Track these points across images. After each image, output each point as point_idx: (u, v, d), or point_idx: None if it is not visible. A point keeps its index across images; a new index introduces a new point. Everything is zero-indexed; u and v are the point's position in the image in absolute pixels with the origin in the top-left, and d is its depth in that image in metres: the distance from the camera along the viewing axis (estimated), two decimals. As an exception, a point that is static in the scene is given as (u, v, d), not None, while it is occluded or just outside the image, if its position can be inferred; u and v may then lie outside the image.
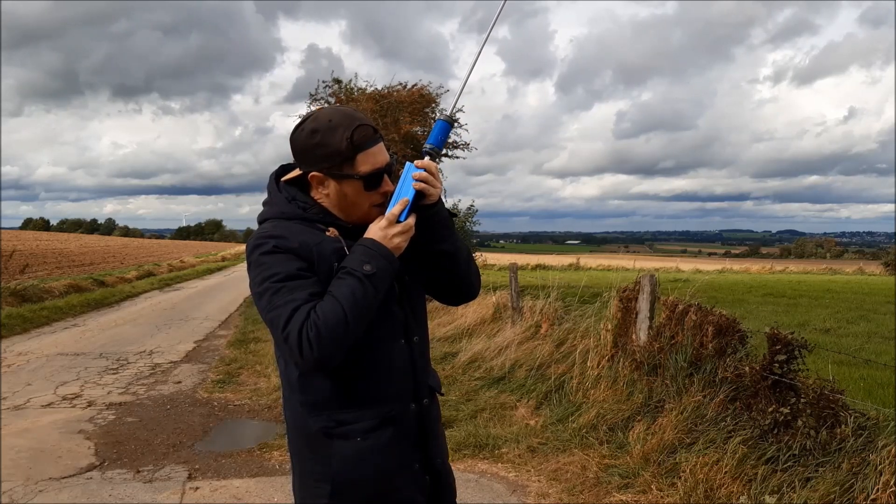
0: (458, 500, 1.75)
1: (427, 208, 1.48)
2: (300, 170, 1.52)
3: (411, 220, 1.46)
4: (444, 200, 1.53)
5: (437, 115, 15.83)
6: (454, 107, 1.59)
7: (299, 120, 1.52)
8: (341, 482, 1.48)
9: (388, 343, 1.51)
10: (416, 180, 1.45)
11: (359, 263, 1.39)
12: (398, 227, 1.44)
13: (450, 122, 1.54)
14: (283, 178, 1.56)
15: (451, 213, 1.56)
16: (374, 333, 1.46)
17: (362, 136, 1.43)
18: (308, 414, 1.51)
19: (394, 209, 1.45)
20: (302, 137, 1.46)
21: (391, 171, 1.51)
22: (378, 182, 1.47)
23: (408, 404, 1.54)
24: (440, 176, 1.48)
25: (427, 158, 1.49)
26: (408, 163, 1.48)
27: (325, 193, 1.50)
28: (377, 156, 1.46)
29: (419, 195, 1.46)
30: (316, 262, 1.43)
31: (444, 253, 1.54)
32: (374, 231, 1.44)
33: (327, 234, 1.47)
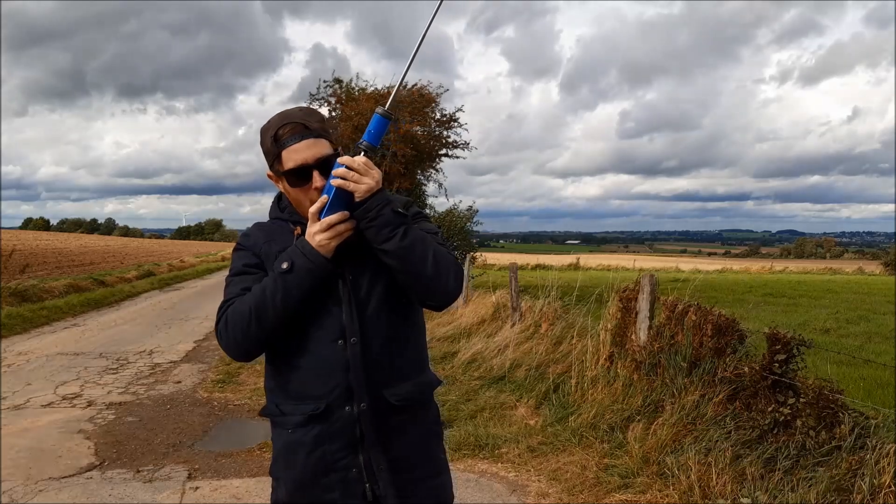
0: (457, 500, 1.73)
1: (356, 206, 1.44)
2: None
3: (333, 218, 1.43)
4: (386, 197, 1.46)
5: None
6: (392, 100, 1.57)
7: None
8: (276, 466, 1.60)
9: (321, 342, 1.50)
10: (335, 177, 1.43)
11: (280, 261, 1.46)
12: (316, 226, 1.44)
13: (387, 117, 1.48)
14: None
15: (399, 213, 1.46)
16: (307, 331, 1.50)
17: (284, 134, 1.47)
18: (266, 400, 1.63)
19: (312, 207, 1.46)
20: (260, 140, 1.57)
21: (328, 167, 1.48)
22: (302, 179, 1.48)
23: (342, 406, 1.50)
24: (372, 172, 1.43)
25: (362, 154, 1.46)
26: (337, 160, 1.46)
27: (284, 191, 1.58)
28: (300, 152, 1.47)
29: (342, 192, 1.43)
30: (264, 260, 1.55)
31: (388, 253, 1.45)
32: (306, 230, 1.48)
33: (295, 233, 1.54)
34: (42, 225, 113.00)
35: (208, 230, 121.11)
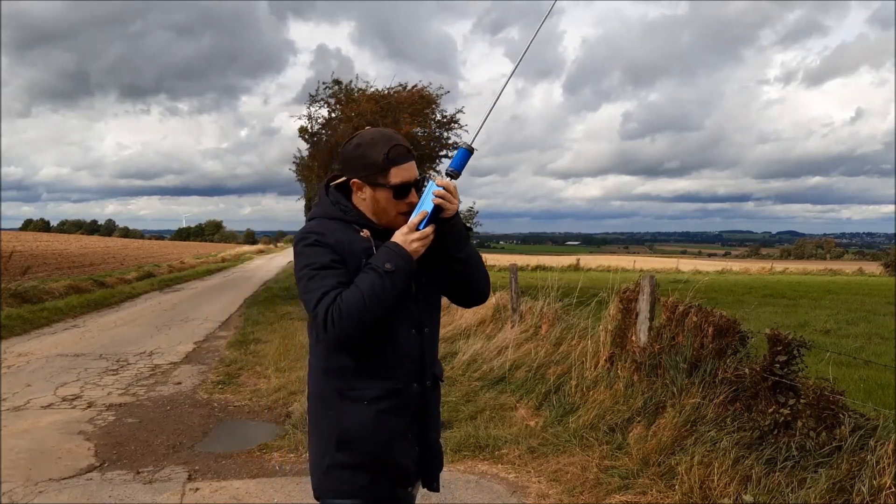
0: (458, 501, 1.80)
1: (445, 221, 1.74)
2: (345, 176, 1.82)
3: (429, 230, 1.72)
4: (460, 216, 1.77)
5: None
6: (477, 136, 1.85)
7: (350, 136, 1.83)
8: (347, 435, 1.75)
9: (402, 331, 1.77)
10: (436, 196, 1.71)
11: (381, 261, 1.68)
12: (416, 234, 1.71)
13: (470, 150, 1.81)
14: (332, 183, 1.86)
15: (468, 227, 1.80)
16: (391, 322, 1.74)
17: (397, 154, 1.74)
18: (330, 378, 1.78)
19: (414, 219, 1.72)
20: (349, 149, 1.79)
21: (419, 187, 1.79)
22: (405, 193, 1.76)
23: (411, 384, 1.79)
24: (458, 195, 1.74)
25: (448, 179, 1.76)
26: (430, 181, 1.75)
27: (363, 198, 1.79)
28: (407, 171, 1.76)
29: (437, 209, 1.72)
30: (347, 258, 1.71)
31: (459, 260, 1.80)
32: (398, 236, 1.72)
33: (361, 234, 1.76)
34: (42, 226, 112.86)
35: (208, 231, 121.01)
